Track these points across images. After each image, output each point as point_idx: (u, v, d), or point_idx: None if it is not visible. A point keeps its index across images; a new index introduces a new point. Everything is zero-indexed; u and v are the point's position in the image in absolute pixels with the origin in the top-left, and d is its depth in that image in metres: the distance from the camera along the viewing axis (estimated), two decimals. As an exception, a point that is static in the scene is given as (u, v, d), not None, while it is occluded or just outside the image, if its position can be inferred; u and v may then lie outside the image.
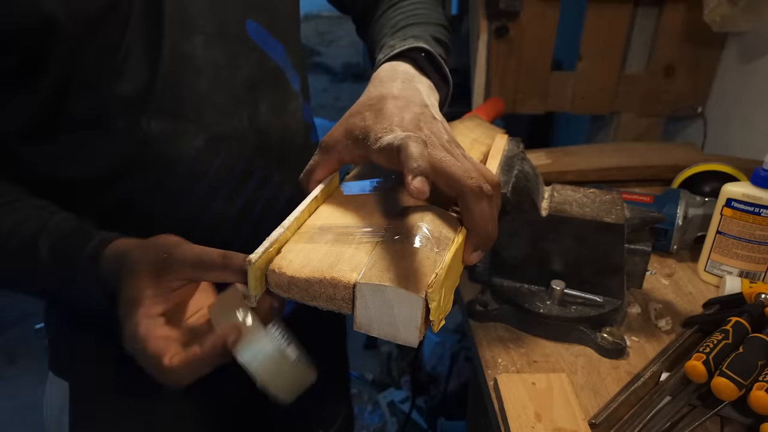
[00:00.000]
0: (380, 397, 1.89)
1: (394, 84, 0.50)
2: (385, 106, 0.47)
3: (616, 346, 0.62)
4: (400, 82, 0.51)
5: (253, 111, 0.58)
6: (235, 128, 0.57)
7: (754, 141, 1.06)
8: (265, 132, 0.59)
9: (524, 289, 0.68)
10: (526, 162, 0.65)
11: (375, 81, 0.52)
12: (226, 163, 0.57)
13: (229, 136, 0.56)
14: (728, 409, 0.52)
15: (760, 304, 0.59)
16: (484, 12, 1.11)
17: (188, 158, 0.54)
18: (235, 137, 0.57)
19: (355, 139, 0.46)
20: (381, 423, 1.83)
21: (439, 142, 0.44)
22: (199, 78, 0.54)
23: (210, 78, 0.54)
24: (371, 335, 0.38)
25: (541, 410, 0.53)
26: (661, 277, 0.78)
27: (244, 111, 0.57)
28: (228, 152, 0.56)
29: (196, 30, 0.53)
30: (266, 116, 0.59)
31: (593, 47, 1.15)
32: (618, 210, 0.64)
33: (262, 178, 0.60)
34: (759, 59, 1.05)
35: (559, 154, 1.06)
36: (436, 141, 0.44)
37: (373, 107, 0.47)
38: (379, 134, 0.44)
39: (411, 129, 0.44)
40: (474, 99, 1.18)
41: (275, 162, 0.61)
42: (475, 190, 0.40)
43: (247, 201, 0.60)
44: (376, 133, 0.44)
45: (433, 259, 0.39)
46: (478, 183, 0.41)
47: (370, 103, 0.48)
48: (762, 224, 0.69)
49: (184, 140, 0.54)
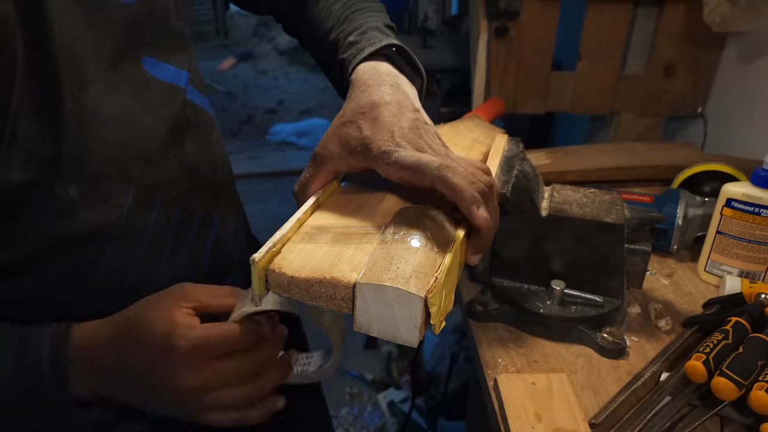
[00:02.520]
0: (380, 397, 1.89)
1: (382, 89, 0.49)
2: (379, 114, 0.46)
3: (616, 346, 0.62)
4: (388, 86, 0.49)
5: (179, 151, 0.53)
6: (165, 174, 0.51)
7: (754, 141, 1.06)
8: (196, 171, 0.54)
9: (524, 289, 0.68)
10: (526, 162, 0.65)
11: (360, 85, 0.50)
12: (162, 215, 0.51)
13: (160, 185, 0.51)
14: (728, 409, 0.52)
15: (760, 304, 0.59)
16: (484, 12, 1.11)
17: (120, 220, 0.48)
18: (166, 184, 0.51)
19: (352, 150, 0.45)
20: (381, 423, 1.83)
21: (437, 147, 0.45)
22: (111, 128, 0.47)
23: (123, 125, 0.48)
24: (371, 335, 0.38)
25: (541, 410, 0.53)
26: (661, 277, 0.78)
27: (170, 153, 0.52)
28: (162, 203, 0.51)
29: (92, 77, 0.45)
30: (194, 153, 0.54)
31: (593, 47, 1.15)
32: (618, 210, 0.64)
33: (201, 221, 0.55)
34: (759, 59, 1.05)
35: (559, 154, 1.06)
36: (436, 147, 0.45)
37: (367, 115, 0.46)
38: (383, 147, 0.43)
39: (412, 139, 0.44)
40: (474, 99, 1.17)
41: (211, 200, 0.57)
42: (474, 200, 0.41)
43: (192, 250, 0.55)
44: (378, 146, 0.44)
45: (433, 259, 0.39)
46: (475, 192, 0.41)
47: (362, 111, 0.47)
48: (762, 224, 0.69)
49: (113, 200, 0.47)
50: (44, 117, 0.42)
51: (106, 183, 0.47)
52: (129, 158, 0.48)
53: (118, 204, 0.48)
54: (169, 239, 0.52)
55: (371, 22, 0.58)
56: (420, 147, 0.44)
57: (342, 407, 1.90)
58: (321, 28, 0.62)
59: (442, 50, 1.90)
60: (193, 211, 0.54)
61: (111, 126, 0.47)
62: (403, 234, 0.41)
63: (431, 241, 0.40)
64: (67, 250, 0.47)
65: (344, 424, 1.84)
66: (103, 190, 0.47)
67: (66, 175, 0.44)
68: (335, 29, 0.60)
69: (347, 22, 0.59)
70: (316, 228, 0.43)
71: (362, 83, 0.50)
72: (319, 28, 0.62)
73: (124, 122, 0.48)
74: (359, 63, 0.53)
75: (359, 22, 0.58)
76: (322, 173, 0.47)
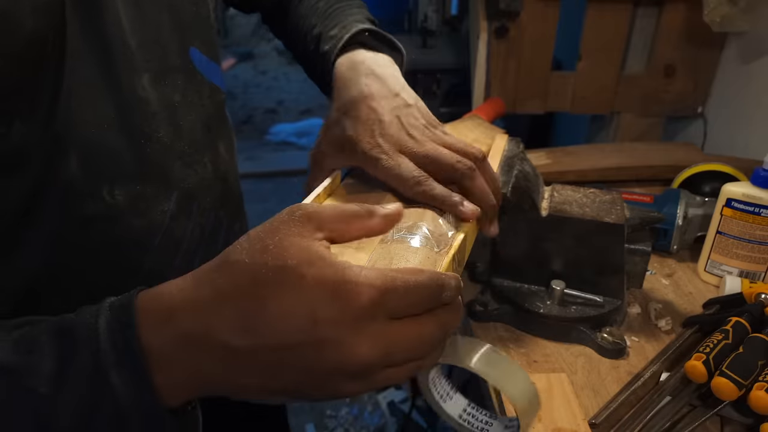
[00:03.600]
0: (380, 397, 1.89)
1: (360, 81, 0.49)
2: (360, 112, 0.47)
3: (616, 346, 0.62)
4: (364, 77, 0.49)
5: (214, 155, 0.50)
6: (201, 179, 0.48)
7: (754, 141, 1.06)
8: (226, 176, 0.52)
9: (524, 289, 0.68)
10: (526, 162, 0.65)
11: (339, 80, 0.51)
12: (196, 223, 0.48)
13: (198, 189, 0.48)
14: (728, 409, 0.52)
15: (760, 304, 0.59)
16: (484, 12, 1.11)
17: (163, 228, 0.44)
18: (203, 189, 0.48)
19: (341, 149, 0.47)
20: (381, 423, 1.83)
21: (419, 134, 0.46)
22: (158, 125, 0.44)
23: (167, 123, 0.45)
24: (371, 335, 0.38)
25: (541, 410, 0.53)
26: (661, 277, 0.78)
27: (206, 156, 0.49)
28: (199, 209, 0.48)
29: (141, 66, 0.43)
30: (226, 157, 0.52)
31: (593, 47, 1.15)
32: (618, 210, 0.64)
33: (226, 230, 0.53)
34: (759, 59, 1.05)
35: (559, 154, 1.06)
36: (418, 134, 0.46)
37: (349, 114, 0.47)
38: (368, 151, 0.45)
39: (393, 133, 0.45)
40: (474, 99, 1.17)
41: (235, 208, 0.55)
42: (466, 173, 0.44)
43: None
44: (363, 148, 0.45)
45: (433, 259, 0.39)
46: (466, 165, 0.44)
47: (345, 110, 0.48)
48: (762, 224, 0.69)
49: (155, 205, 0.44)
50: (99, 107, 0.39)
51: (152, 187, 0.43)
52: (170, 159, 0.45)
53: (162, 210, 0.44)
54: (200, 250, 0.49)
55: (355, 15, 0.59)
56: (402, 142, 0.45)
57: (342, 407, 1.90)
58: (306, 24, 0.62)
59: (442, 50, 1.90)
60: (221, 220, 0.52)
61: (155, 122, 0.44)
62: (404, 234, 0.41)
63: (431, 241, 0.40)
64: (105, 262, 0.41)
65: (344, 424, 1.84)
66: (148, 195, 0.43)
67: (112, 176, 0.41)
68: (319, 25, 0.60)
69: (331, 18, 0.60)
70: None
71: (341, 79, 0.51)
72: (304, 25, 0.63)
73: (165, 119, 0.45)
74: (338, 55, 0.54)
75: (343, 15, 0.59)
76: (321, 174, 0.49)
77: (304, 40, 0.62)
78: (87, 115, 0.39)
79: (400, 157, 0.45)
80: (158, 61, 0.44)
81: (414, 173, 0.44)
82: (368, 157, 0.45)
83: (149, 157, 0.43)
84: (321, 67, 0.58)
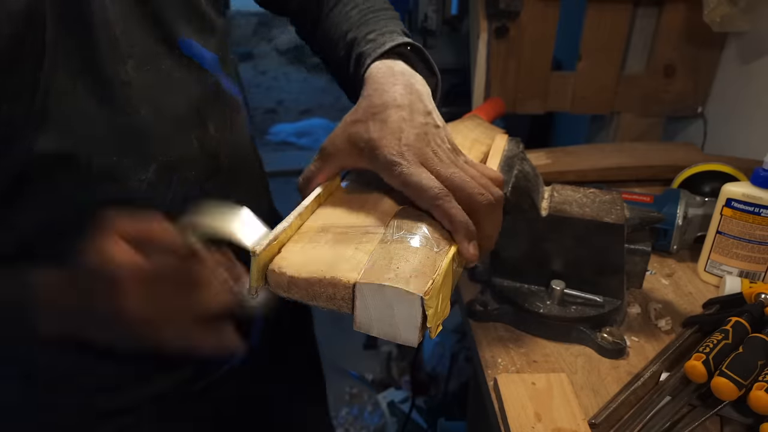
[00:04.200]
0: (380, 397, 1.89)
1: (395, 89, 0.49)
2: (389, 117, 0.46)
3: (616, 346, 0.62)
4: (401, 86, 0.49)
5: (202, 132, 0.54)
6: (185, 153, 0.52)
7: (754, 141, 1.06)
8: (216, 153, 0.55)
9: (524, 289, 0.68)
10: (526, 162, 0.65)
11: (373, 83, 0.50)
12: (177, 191, 0.52)
13: (179, 163, 0.51)
14: (728, 409, 0.53)
15: (760, 304, 0.59)
16: (484, 12, 1.11)
17: (140, 192, 0.49)
18: (186, 163, 0.52)
19: (359, 150, 0.46)
20: (381, 423, 1.83)
21: (445, 156, 0.45)
22: (138, 104, 0.48)
23: (147, 103, 0.49)
24: (371, 335, 0.38)
25: (541, 410, 0.53)
26: (661, 277, 0.78)
27: (192, 134, 0.53)
28: (181, 181, 0.52)
29: (126, 53, 0.46)
30: (216, 136, 0.55)
31: (593, 47, 1.15)
32: (618, 210, 0.64)
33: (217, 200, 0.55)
34: (759, 59, 1.05)
35: (559, 154, 1.06)
36: (444, 155, 0.45)
37: (377, 117, 0.46)
38: (389, 156, 0.44)
39: (419, 146, 0.45)
40: (474, 99, 1.17)
41: (228, 183, 0.57)
42: (485, 207, 0.44)
43: None
44: (384, 153, 0.44)
45: (432, 259, 0.39)
46: (488, 200, 0.44)
47: (373, 112, 0.47)
48: (762, 224, 0.69)
49: (133, 174, 0.48)
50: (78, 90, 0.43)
51: (130, 159, 0.48)
52: (150, 134, 0.49)
53: (139, 179, 0.49)
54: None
55: (390, 26, 0.59)
56: (426, 157, 0.44)
57: (342, 407, 1.90)
58: (338, 30, 0.62)
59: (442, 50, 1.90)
60: (210, 191, 0.55)
61: (138, 103, 0.47)
62: (403, 234, 0.41)
63: (431, 241, 0.40)
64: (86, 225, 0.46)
65: (344, 424, 1.84)
66: (125, 165, 0.47)
67: (92, 149, 0.45)
68: (353, 30, 0.60)
69: (366, 25, 0.60)
70: (316, 228, 0.43)
71: (376, 82, 0.50)
72: (336, 32, 0.62)
73: (149, 100, 0.48)
74: (376, 59, 0.54)
75: (379, 24, 0.59)
76: (327, 168, 0.48)
77: (335, 47, 0.62)
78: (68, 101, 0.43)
79: (421, 168, 0.44)
80: (142, 47, 0.48)
81: (435, 186, 0.43)
82: (388, 161, 0.44)
83: (128, 131, 0.47)
84: (355, 68, 0.57)
